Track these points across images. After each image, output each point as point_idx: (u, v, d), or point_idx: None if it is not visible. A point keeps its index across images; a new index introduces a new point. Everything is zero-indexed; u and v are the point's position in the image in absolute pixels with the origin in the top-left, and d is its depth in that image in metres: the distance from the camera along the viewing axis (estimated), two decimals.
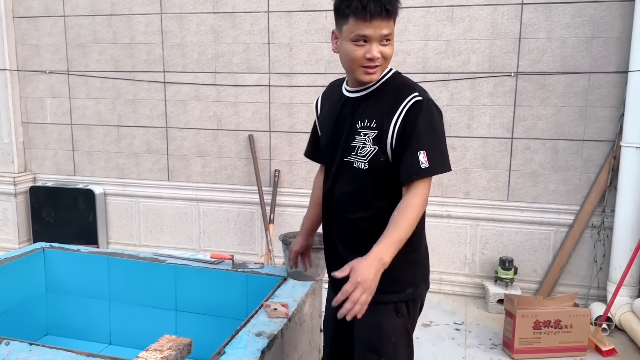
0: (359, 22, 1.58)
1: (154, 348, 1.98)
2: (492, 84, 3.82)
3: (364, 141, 1.69)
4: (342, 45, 1.66)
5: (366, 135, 1.69)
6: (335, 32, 1.70)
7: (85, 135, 4.77)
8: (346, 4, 1.60)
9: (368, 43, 1.61)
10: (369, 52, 1.61)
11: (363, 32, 1.59)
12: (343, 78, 1.90)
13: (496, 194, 3.93)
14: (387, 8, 1.57)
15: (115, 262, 3.18)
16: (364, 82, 1.71)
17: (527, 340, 3.12)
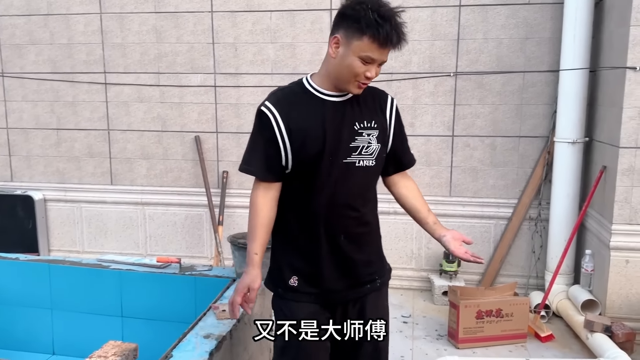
0: (374, 45, 1.62)
1: (98, 355, 1.94)
2: (433, 84, 3.94)
3: (368, 140, 1.79)
4: (346, 57, 1.67)
5: (370, 135, 1.79)
6: (340, 39, 1.68)
7: (22, 139, 4.58)
8: (368, 23, 1.60)
9: (371, 64, 1.67)
10: (369, 72, 1.68)
11: (374, 55, 1.64)
12: (293, 83, 1.86)
13: (439, 189, 4.06)
14: (403, 40, 1.65)
15: (56, 270, 3.08)
16: (351, 92, 1.75)
17: (471, 330, 3.24)
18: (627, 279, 3.26)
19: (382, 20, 1.58)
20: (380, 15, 1.58)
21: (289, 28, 4.05)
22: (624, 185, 3.21)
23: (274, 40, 4.07)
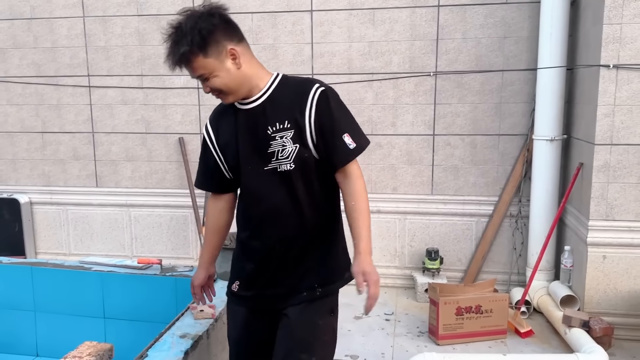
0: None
1: (73, 355, 1.97)
2: (414, 84, 3.98)
3: (282, 143, 1.71)
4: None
5: (283, 137, 1.71)
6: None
7: (7, 142, 4.60)
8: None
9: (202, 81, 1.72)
10: (204, 89, 1.74)
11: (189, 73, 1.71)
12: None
13: (421, 188, 4.10)
14: (177, 62, 1.65)
15: (39, 272, 3.11)
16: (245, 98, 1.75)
17: (451, 326, 3.28)
18: (604, 275, 3.30)
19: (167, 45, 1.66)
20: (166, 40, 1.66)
21: (271, 29, 4.08)
22: (599, 181, 3.25)
23: (256, 41, 4.10)
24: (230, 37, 1.67)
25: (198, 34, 1.60)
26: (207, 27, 1.61)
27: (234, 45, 1.67)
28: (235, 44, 1.68)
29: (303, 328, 1.79)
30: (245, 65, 1.70)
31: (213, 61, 1.64)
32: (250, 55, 1.74)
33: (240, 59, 1.68)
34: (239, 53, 1.68)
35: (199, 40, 1.60)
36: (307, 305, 1.81)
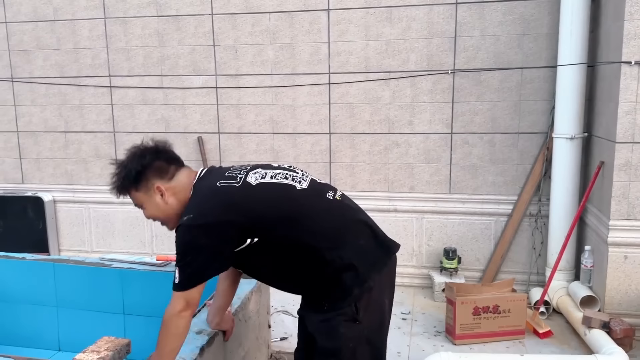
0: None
1: (92, 349, 2.01)
2: (431, 82, 3.96)
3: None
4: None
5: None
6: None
7: (32, 142, 4.71)
8: None
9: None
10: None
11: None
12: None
13: (439, 187, 4.07)
14: (118, 191, 1.97)
15: (61, 269, 3.18)
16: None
17: (468, 326, 3.26)
18: (625, 275, 3.25)
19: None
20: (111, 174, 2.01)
21: (288, 29, 4.10)
22: (621, 180, 3.20)
23: (273, 41, 4.13)
24: (160, 176, 1.91)
25: (132, 174, 1.90)
26: (137, 167, 1.90)
27: (160, 184, 1.90)
28: (165, 182, 1.91)
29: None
30: (173, 200, 1.91)
31: (142, 195, 1.93)
32: (185, 185, 1.92)
33: (166, 195, 1.91)
34: (165, 190, 1.90)
35: (132, 178, 1.91)
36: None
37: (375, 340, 1.92)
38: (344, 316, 1.82)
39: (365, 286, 1.82)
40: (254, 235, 1.82)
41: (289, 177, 1.91)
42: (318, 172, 4.23)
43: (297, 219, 1.84)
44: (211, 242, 1.77)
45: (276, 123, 4.25)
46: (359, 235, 1.87)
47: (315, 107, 4.16)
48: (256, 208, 1.82)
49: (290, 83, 4.16)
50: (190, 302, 1.82)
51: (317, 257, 1.84)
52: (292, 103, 4.19)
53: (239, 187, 1.85)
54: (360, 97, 4.07)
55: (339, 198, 1.94)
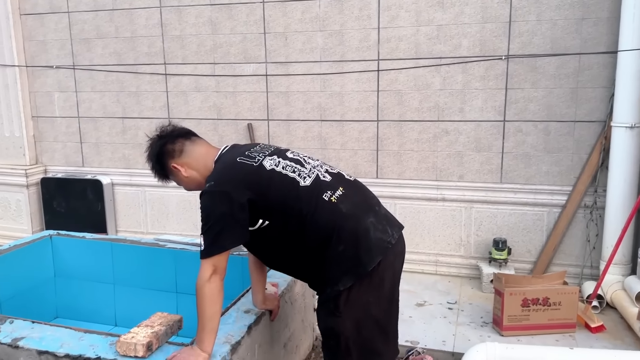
0: None
1: (146, 324, 2.12)
2: (484, 68, 3.87)
3: None
4: None
5: None
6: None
7: (91, 127, 4.93)
8: None
9: None
10: None
11: None
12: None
13: (489, 176, 3.99)
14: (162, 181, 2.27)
15: (118, 248, 3.34)
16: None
17: (516, 318, 3.20)
18: None
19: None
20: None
21: (337, 15, 4.10)
22: None
23: (323, 28, 4.14)
24: (170, 156, 2.13)
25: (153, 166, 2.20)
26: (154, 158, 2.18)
27: (173, 163, 2.13)
28: (177, 159, 2.13)
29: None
30: (192, 171, 2.13)
31: (172, 177, 2.20)
32: (203, 155, 2.13)
33: (184, 169, 2.13)
34: (180, 166, 2.13)
35: (157, 168, 2.19)
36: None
37: (362, 332, 2.01)
38: (326, 308, 2.02)
39: (335, 288, 1.95)
40: (264, 218, 2.00)
41: (296, 172, 2.04)
42: (365, 159, 4.23)
43: (293, 215, 1.98)
44: (228, 209, 1.91)
45: (324, 110, 4.27)
46: (341, 242, 1.95)
47: (363, 94, 4.15)
48: (265, 192, 1.98)
49: (339, 70, 4.16)
50: (217, 268, 1.94)
51: (305, 254, 2.03)
52: (340, 90, 4.20)
53: (255, 167, 2.02)
54: (409, 84, 4.03)
55: (334, 200, 2.00)
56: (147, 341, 1.97)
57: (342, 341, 2.00)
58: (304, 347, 3.03)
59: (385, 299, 2.04)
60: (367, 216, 2.00)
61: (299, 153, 2.18)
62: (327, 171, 2.10)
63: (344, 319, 1.97)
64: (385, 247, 1.98)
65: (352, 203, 2.02)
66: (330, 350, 2.07)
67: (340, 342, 2.00)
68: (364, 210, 2.03)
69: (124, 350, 1.97)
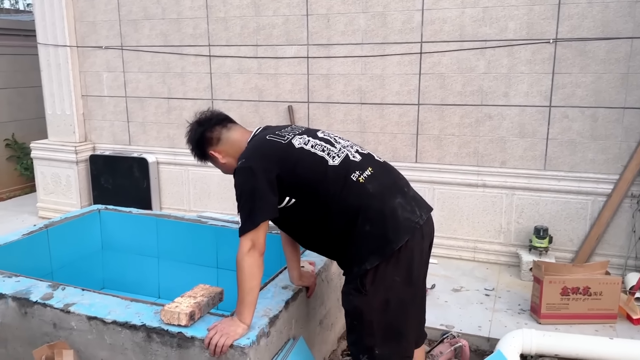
0: None
1: (189, 295, 2.21)
2: (530, 51, 3.77)
3: None
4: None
5: None
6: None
7: (138, 107, 5.08)
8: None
9: None
10: None
11: None
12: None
13: (533, 163, 3.91)
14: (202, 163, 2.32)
15: (163, 223, 3.46)
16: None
17: (555, 306, 3.16)
18: None
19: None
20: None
21: None
22: None
23: (365, 9, 4.11)
24: (210, 144, 2.21)
25: (193, 151, 2.27)
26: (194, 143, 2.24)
27: (211, 150, 2.21)
28: (215, 146, 2.20)
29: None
30: (229, 158, 2.20)
31: (210, 162, 2.27)
32: (237, 141, 2.18)
33: (220, 156, 2.21)
34: (217, 153, 2.21)
35: (197, 153, 2.26)
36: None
37: (386, 312, 2.02)
38: (352, 286, 2.04)
39: (362, 267, 1.97)
40: (290, 195, 2.04)
41: (325, 151, 2.07)
42: (404, 143, 4.21)
43: (320, 194, 2.02)
44: (258, 184, 1.97)
45: (364, 93, 4.27)
46: (367, 222, 1.97)
47: (404, 77, 4.12)
48: (292, 170, 2.02)
49: (381, 53, 4.14)
50: (255, 243, 2.00)
51: (331, 232, 2.06)
52: (382, 73, 4.18)
53: (284, 144, 2.07)
54: (452, 67, 3.97)
55: (362, 180, 2.01)
56: (189, 311, 2.05)
57: (365, 320, 2.02)
58: (338, 325, 3.08)
59: (411, 279, 2.05)
60: (394, 197, 2.01)
61: (330, 133, 2.21)
62: (357, 151, 2.12)
63: (369, 298, 1.99)
64: (413, 227, 1.99)
65: (380, 183, 2.03)
66: (354, 330, 2.09)
67: (364, 322, 2.03)
68: (392, 191, 2.04)
69: (168, 318, 2.06)
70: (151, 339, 2.09)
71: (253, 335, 2.03)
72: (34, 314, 2.31)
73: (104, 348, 2.20)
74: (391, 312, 2.02)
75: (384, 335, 2.02)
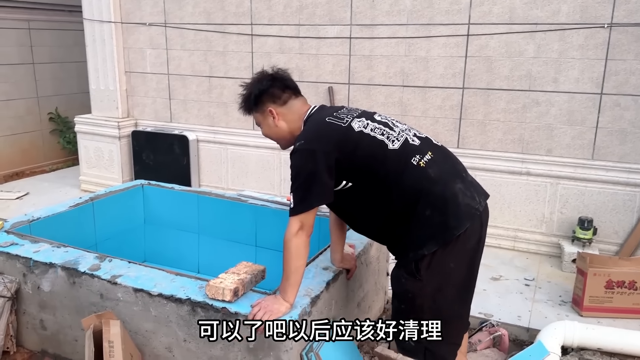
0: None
1: (232, 271, 2.24)
2: (583, 36, 3.63)
3: None
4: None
5: None
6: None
7: (180, 84, 5.13)
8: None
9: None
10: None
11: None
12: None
13: (580, 151, 3.79)
14: (244, 112, 2.24)
15: (204, 200, 3.51)
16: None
17: (598, 299, 3.08)
18: None
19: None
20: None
21: None
22: None
23: None
24: (273, 100, 2.14)
25: (251, 95, 2.16)
26: (255, 92, 2.15)
27: (272, 108, 2.14)
28: (278, 105, 2.14)
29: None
30: (284, 121, 2.15)
31: (259, 116, 2.19)
32: (295, 112, 2.16)
33: (277, 118, 2.15)
34: (277, 114, 2.15)
35: (252, 100, 2.17)
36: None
37: (438, 297, 2.00)
38: (405, 271, 2.02)
39: (419, 252, 1.95)
40: (347, 179, 2.02)
41: (385, 134, 2.03)
42: (447, 128, 4.13)
43: (379, 178, 1.99)
44: (316, 167, 1.96)
45: (407, 76, 4.20)
46: (428, 207, 1.94)
47: (449, 59, 4.03)
48: (352, 153, 2.00)
49: (426, 34, 4.06)
50: (304, 224, 1.99)
51: (389, 217, 2.03)
52: (426, 55, 4.09)
53: (344, 127, 2.03)
54: (500, 51, 3.86)
55: (423, 164, 1.97)
56: (234, 287, 2.08)
57: (416, 305, 2.01)
58: (375, 308, 3.08)
59: (467, 267, 2.03)
60: (455, 182, 1.98)
61: (387, 116, 2.16)
62: (415, 135, 2.08)
63: (423, 284, 1.98)
64: (473, 214, 1.95)
65: (440, 168, 2.00)
66: (401, 314, 2.08)
67: (414, 306, 2.01)
68: (452, 175, 2.00)
69: (213, 293, 2.09)
70: (195, 312, 2.12)
71: (295, 314, 2.04)
72: (82, 283, 2.38)
73: (149, 320, 2.25)
74: (443, 298, 2.00)
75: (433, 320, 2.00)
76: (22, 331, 2.64)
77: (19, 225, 2.89)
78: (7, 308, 2.49)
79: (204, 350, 2.16)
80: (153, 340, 2.28)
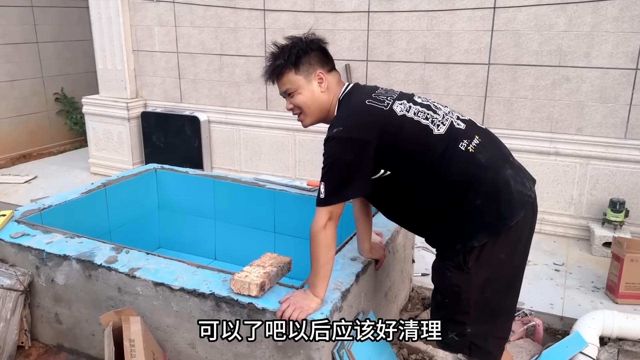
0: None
1: (257, 264, 2.11)
2: (619, 8, 3.42)
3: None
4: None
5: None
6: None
7: (190, 63, 4.95)
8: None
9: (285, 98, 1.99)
10: (286, 105, 2.00)
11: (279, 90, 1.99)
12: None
13: (612, 130, 3.61)
14: (271, 73, 1.94)
15: (220, 185, 3.37)
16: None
17: (635, 286, 2.94)
18: None
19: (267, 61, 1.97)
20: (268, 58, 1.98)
21: None
22: None
23: None
24: (322, 64, 1.93)
25: (295, 53, 1.89)
26: (304, 49, 1.90)
27: (323, 71, 1.91)
28: (325, 71, 1.92)
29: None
30: (328, 92, 1.93)
31: (301, 79, 1.90)
32: (335, 87, 1.94)
33: (325, 84, 1.92)
34: (326, 79, 1.92)
35: (294, 58, 1.89)
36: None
37: (486, 290, 1.86)
38: (451, 262, 1.87)
39: (468, 244, 1.81)
40: (385, 168, 1.85)
41: (429, 118, 1.86)
42: (470, 106, 3.95)
43: (424, 166, 1.83)
44: (356, 157, 1.80)
45: (429, 51, 4.00)
46: (479, 195, 1.79)
47: (475, 34, 3.83)
48: (393, 140, 1.83)
49: (450, 7, 3.85)
50: (333, 215, 1.87)
51: (432, 207, 1.88)
52: (449, 29, 3.89)
53: (386, 111, 1.85)
54: (529, 24, 3.65)
55: (472, 150, 1.81)
56: (260, 281, 1.95)
57: (462, 299, 1.87)
58: (401, 297, 2.96)
59: (517, 258, 1.89)
60: (505, 168, 1.82)
61: (427, 98, 1.99)
62: (459, 118, 1.91)
63: (471, 277, 1.83)
64: (526, 202, 1.80)
65: (490, 153, 1.84)
66: (444, 307, 1.95)
67: (460, 300, 1.88)
68: (502, 161, 1.84)
69: (238, 288, 1.97)
70: (220, 308, 2.00)
71: (327, 310, 1.92)
72: (99, 277, 2.26)
73: (170, 315, 2.13)
74: (491, 291, 1.86)
75: (480, 314, 1.87)
76: (37, 325, 2.54)
77: (30, 214, 2.76)
78: (21, 302, 2.39)
79: (229, 347, 2.04)
80: (175, 335, 2.16)
